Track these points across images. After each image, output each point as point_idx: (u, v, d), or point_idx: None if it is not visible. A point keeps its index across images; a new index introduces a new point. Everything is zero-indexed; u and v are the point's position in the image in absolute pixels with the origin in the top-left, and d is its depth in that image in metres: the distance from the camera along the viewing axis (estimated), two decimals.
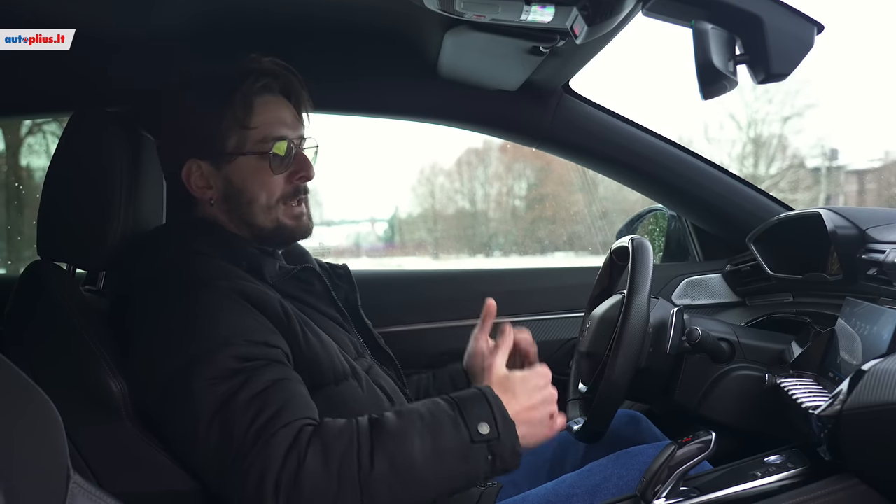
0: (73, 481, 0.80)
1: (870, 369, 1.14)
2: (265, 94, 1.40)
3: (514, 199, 7.57)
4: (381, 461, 1.09)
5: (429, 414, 1.16)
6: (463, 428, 1.15)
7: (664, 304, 1.60)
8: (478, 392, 1.21)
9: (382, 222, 6.79)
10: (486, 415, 1.17)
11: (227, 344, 1.16)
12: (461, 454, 1.14)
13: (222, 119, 1.37)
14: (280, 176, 1.41)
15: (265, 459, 1.06)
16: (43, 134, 4.42)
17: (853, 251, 1.49)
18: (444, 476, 1.14)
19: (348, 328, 1.50)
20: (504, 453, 1.16)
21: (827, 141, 7.14)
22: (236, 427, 1.09)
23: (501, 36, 1.53)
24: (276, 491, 1.05)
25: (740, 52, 1.20)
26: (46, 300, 1.29)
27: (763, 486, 1.26)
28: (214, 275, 1.26)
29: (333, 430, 1.12)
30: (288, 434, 1.09)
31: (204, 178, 1.40)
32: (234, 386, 1.13)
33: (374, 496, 1.08)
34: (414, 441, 1.12)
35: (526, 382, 1.27)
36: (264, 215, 1.40)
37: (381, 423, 1.14)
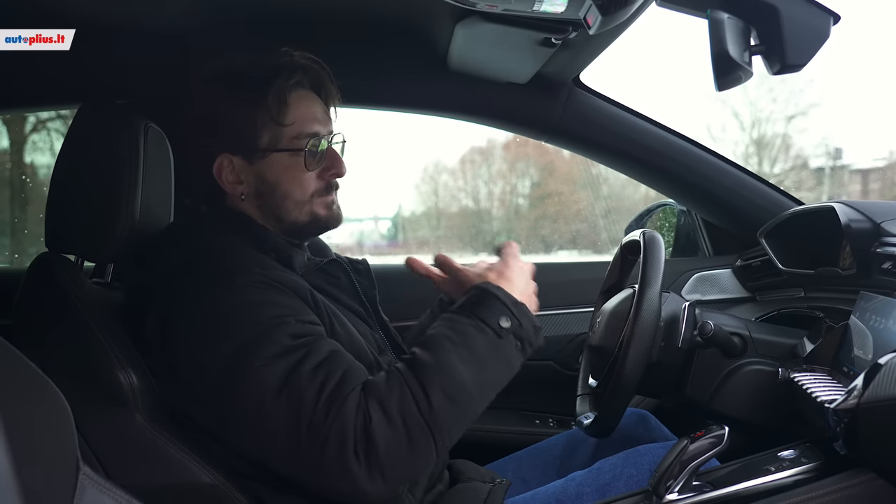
0: (83, 472, 0.79)
1: (886, 363, 1.13)
2: (298, 89, 1.39)
3: (518, 197, 7.57)
4: (436, 395, 1.13)
5: (453, 332, 1.20)
6: (487, 329, 1.21)
7: (676, 298, 1.59)
8: (482, 292, 1.25)
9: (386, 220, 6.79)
10: (501, 308, 1.23)
11: (281, 323, 1.18)
12: (495, 353, 1.21)
13: (256, 115, 1.36)
14: (313, 172, 1.40)
15: (341, 425, 1.09)
16: (47, 131, 4.42)
17: (867, 245, 1.48)
18: (489, 380, 1.20)
19: (371, 324, 1.50)
20: (528, 335, 1.24)
21: (831, 140, 7.14)
22: (305, 398, 1.11)
23: (513, 27, 1.52)
24: (355, 454, 1.09)
25: (756, 43, 1.19)
26: (55, 292, 1.28)
27: (777, 480, 1.24)
28: (249, 263, 1.27)
29: (381, 384, 1.15)
30: (354, 398, 1.12)
31: (235, 173, 1.39)
32: (295, 359, 1.14)
33: (440, 427, 1.13)
34: (455, 364, 1.16)
35: (507, 262, 1.34)
36: (298, 210, 1.40)
37: (419, 361, 1.17)
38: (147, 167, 1.36)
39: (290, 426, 1.11)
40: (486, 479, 1.51)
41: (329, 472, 1.10)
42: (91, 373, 1.22)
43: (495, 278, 1.30)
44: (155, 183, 1.40)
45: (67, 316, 1.26)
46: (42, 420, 0.78)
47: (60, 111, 3.54)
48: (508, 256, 1.35)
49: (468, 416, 1.18)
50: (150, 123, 1.39)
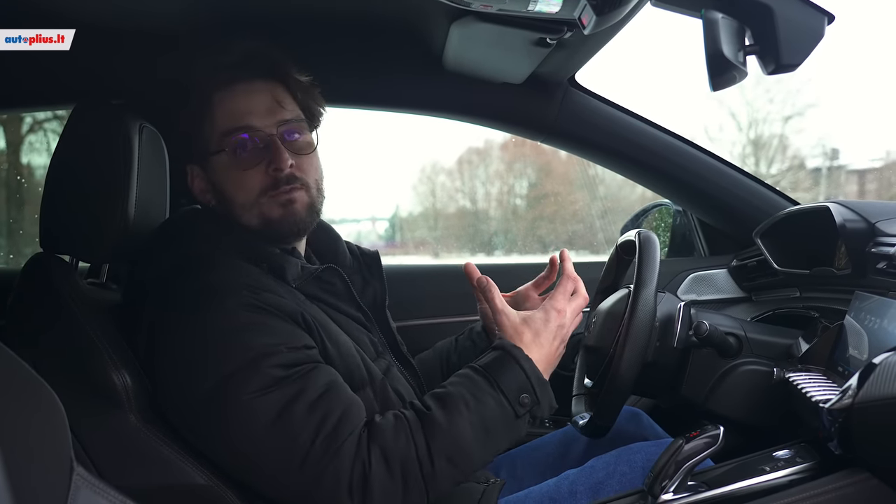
0: (77, 473, 0.79)
1: (881, 362, 1.13)
2: (231, 84, 1.35)
3: (515, 198, 7.57)
4: (440, 459, 1.15)
5: (472, 398, 1.20)
6: (507, 405, 1.21)
7: (671, 298, 1.59)
8: (507, 357, 1.25)
9: (383, 221, 6.80)
10: (523, 383, 1.23)
11: (270, 353, 1.16)
12: (508, 428, 1.22)
13: (190, 120, 1.36)
14: (255, 170, 1.34)
15: (337, 467, 1.11)
16: (44, 132, 4.42)
17: (862, 245, 1.49)
18: (494, 449, 1.23)
19: (370, 327, 1.48)
20: (542, 413, 1.26)
21: (828, 141, 7.14)
22: (301, 435, 1.12)
23: (508, 27, 1.52)
24: (350, 494, 1.11)
25: (750, 43, 1.19)
26: (49, 293, 1.28)
27: (772, 480, 1.24)
28: (240, 281, 1.24)
29: (388, 431, 1.16)
30: (353, 442, 1.13)
31: (202, 182, 1.39)
32: (288, 394, 1.14)
33: (437, 486, 1.16)
34: (466, 433, 1.17)
35: (546, 325, 1.32)
36: (247, 214, 1.35)
37: (431, 418, 1.18)
38: (142, 167, 1.35)
39: (281, 463, 1.12)
40: (479, 478, 1.51)
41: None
42: (85, 374, 1.22)
43: (529, 341, 1.29)
44: (150, 183, 1.40)
45: (62, 316, 1.25)
46: (36, 421, 0.78)
47: (57, 112, 3.53)
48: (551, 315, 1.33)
49: (465, 476, 1.22)
50: (145, 124, 1.39)
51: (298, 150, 1.38)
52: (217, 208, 1.39)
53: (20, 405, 0.76)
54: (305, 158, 1.39)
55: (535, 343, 1.30)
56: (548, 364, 1.30)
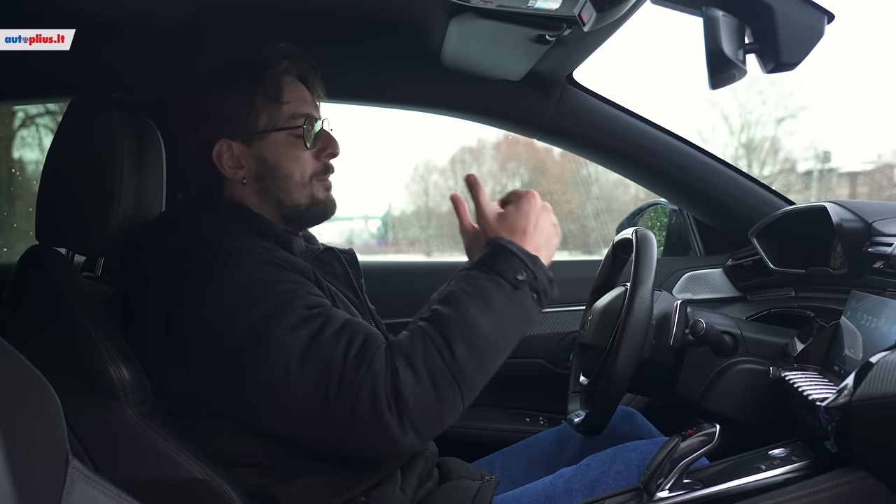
0: (73, 466, 0.79)
1: (878, 361, 1.13)
2: (288, 75, 1.43)
3: None
4: (459, 345, 1.17)
5: (471, 287, 1.24)
6: (504, 283, 1.24)
7: (667, 296, 1.59)
8: (496, 248, 1.28)
9: (376, 219, 6.79)
10: (516, 263, 1.26)
11: (294, 296, 1.21)
12: (512, 304, 1.24)
13: (254, 99, 1.39)
14: (310, 153, 1.43)
15: (372, 380, 1.13)
16: (36, 127, 4.40)
17: (859, 244, 1.49)
18: (508, 329, 1.24)
19: (364, 312, 1.50)
20: (543, 286, 1.28)
21: (820, 143, 7.16)
22: (333, 357, 1.15)
23: (507, 23, 1.51)
24: (388, 405, 1.12)
25: (750, 41, 1.19)
26: (45, 285, 1.27)
27: (768, 478, 1.24)
28: (253, 244, 1.29)
29: (404, 341, 1.19)
30: (381, 354, 1.16)
31: (235, 158, 1.40)
32: (315, 327, 1.18)
33: (464, 376, 1.17)
34: (475, 316, 1.20)
35: (523, 213, 1.34)
36: (299, 192, 1.42)
37: (439, 315, 1.21)
38: (138, 161, 1.35)
39: (319, 388, 1.14)
40: (475, 476, 1.51)
41: (362, 425, 1.14)
42: (81, 367, 1.21)
43: (509, 234, 1.32)
44: (147, 177, 1.39)
45: (58, 309, 1.25)
46: (32, 414, 0.77)
47: (49, 107, 3.52)
48: (522, 204, 1.36)
49: (490, 366, 1.23)
50: (142, 117, 1.39)
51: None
52: (246, 185, 1.41)
53: (16, 398, 0.76)
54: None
55: (516, 230, 1.32)
56: (537, 245, 1.32)
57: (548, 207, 1.38)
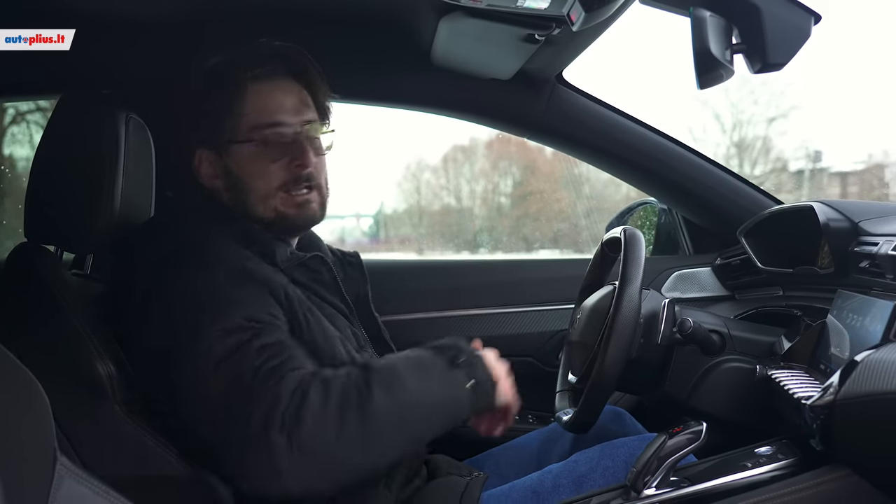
0: (60, 463, 0.79)
1: (863, 360, 1.14)
2: (265, 79, 1.39)
3: (500, 196, 7.55)
4: (378, 389, 1.13)
5: (410, 353, 1.25)
6: (441, 357, 1.22)
7: (655, 295, 1.60)
8: (447, 339, 1.28)
9: (367, 218, 6.77)
10: (460, 348, 1.25)
11: (240, 306, 1.19)
12: (445, 379, 1.21)
13: (219, 107, 1.37)
14: (278, 164, 1.38)
15: (274, 396, 1.09)
16: (27, 123, 4.38)
17: (845, 244, 1.50)
18: (434, 400, 1.20)
19: (352, 320, 1.49)
20: (481, 377, 1.24)
21: (811, 143, 7.17)
22: (247, 369, 1.12)
23: (496, 23, 1.52)
24: (281, 426, 1.07)
25: (737, 41, 1.19)
26: (34, 282, 1.27)
27: (753, 476, 1.25)
28: (224, 255, 1.28)
29: (330, 371, 1.17)
30: (296, 376, 1.12)
31: (211, 167, 1.40)
32: (245, 337, 1.15)
33: (374, 426, 1.12)
34: (404, 372, 1.19)
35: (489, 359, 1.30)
36: (262, 205, 1.39)
37: (370, 364, 1.20)
38: (128, 158, 1.35)
39: (226, 392, 1.12)
40: (463, 473, 1.51)
41: (250, 442, 1.08)
42: (70, 364, 1.21)
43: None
44: (136, 174, 1.39)
45: (47, 306, 1.25)
46: (20, 411, 0.77)
47: (40, 103, 3.51)
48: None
49: (406, 428, 1.18)
50: (131, 114, 1.39)
51: (317, 150, 1.44)
52: (223, 194, 1.41)
53: (4, 395, 0.76)
54: (320, 159, 1.45)
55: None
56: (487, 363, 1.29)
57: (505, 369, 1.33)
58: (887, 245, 1.35)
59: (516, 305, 2.18)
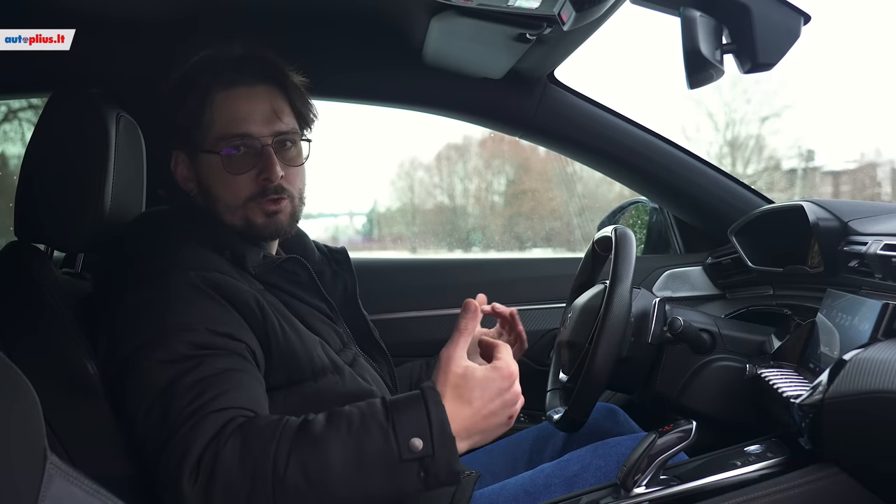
0: (50, 461, 0.78)
1: (851, 359, 1.15)
2: (236, 86, 1.36)
3: (493, 194, 7.55)
4: (296, 466, 1.01)
5: (359, 419, 1.05)
6: (392, 441, 1.03)
7: (646, 294, 1.60)
8: (418, 398, 1.07)
9: (361, 216, 6.77)
10: (422, 428, 1.04)
11: (186, 330, 1.14)
12: (387, 470, 1.03)
13: (190, 113, 1.36)
14: (245, 175, 1.35)
15: (190, 440, 1.02)
16: (18, 121, 4.36)
17: (835, 243, 1.50)
18: (365, 492, 1.04)
19: (334, 319, 1.47)
20: (439, 471, 1.04)
21: (804, 142, 7.19)
22: (174, 407, 1.06)
23: (488, 22, 1.52)
24: (193, 475, 1.01)
25: (727, 41, 1.20)
26: (24, 280, 1.27)
27: (743, 475, 1.26)
28: (189, 264, 1.24)
29: (258, 426, 1.05)
30: (218, 419, 1.04)
31: (187, 170, 1.40)
32: (183, 369, 1.10)
33: (285, 498, 1.01)
34: (334, 449, 1.02)
35: (486, 385, 1.10)
36: (231, 214, 1.37)
37: (308, 424, 1.05)
38: (118, 157, 1.34)
39: (155, 431, 1.07)
40: None
41: (164, 481, 1.04)
42: (60, 362, 1.21)
43: (456, 392, 1.09)
44: (126, 172, 1.39)
45: (37, 305, 1.24)
46: (9, 408, 0.77)
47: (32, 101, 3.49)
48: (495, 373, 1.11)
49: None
50: (122, 113, 1.38)
51: (289, 161, 1.40)
52: (197, 198, 1.41)
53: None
54: (294, 169, 1.41)
55: (462, 397, 1.08)
56: (470, 425, 1.08)
57: (515, 398, 1.13)
58: (876, 244, 1.35)
59: (508, 304, 2.18)
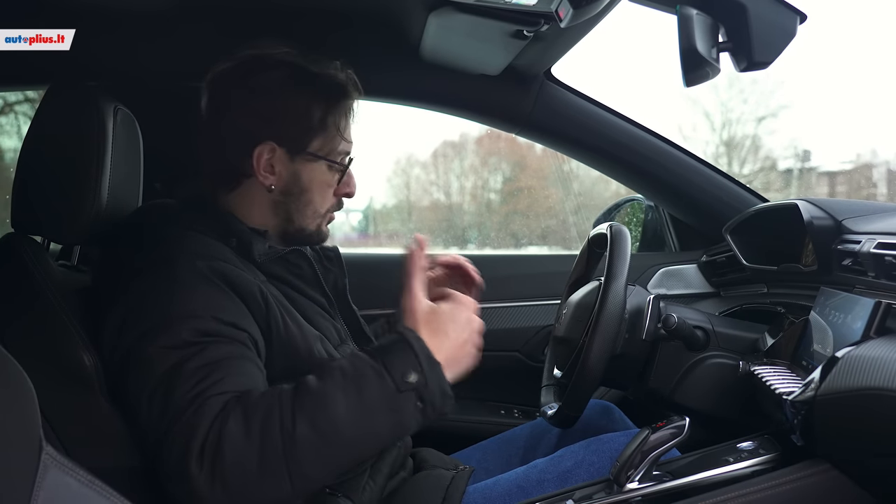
0: (46, 452, 0.79)
1: (843, 356, 1.16)
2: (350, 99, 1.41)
3: (489, 192, 7.55)
4: (303, 422, 1.04)
5: (351, 368, 1.11)
6: (387, 378, 1.09)
7: (641, 291, 1.61)
8: (400, 338, 1.13)
9: (357, 213, 6.77)
10: (412, 362, 1.10)
11: (191, 317, 1.14)
12: (388, 405, 1.08)
13: (326, 121, 1.37)
14: (335, 187, 1.44)
15: (194, 425, 1.03)
16: (15, 114, 4.35)
17: (829, 242, 1.51)
18: (372, 430, 1.09)
19: (333, 314, 1.48)
20: (433, 398, 1.10)
21: (800, 142, 7.20)
22: (177, 392, 1.07)
23: (485, 18, 1.52)
24: (200, 457, 1.02)
25: (724, 40, 1.20)
26: (20, 272, 1.26)
27: (735, 471, 1.27)
28: (196, 252, 1.23)
29: (255, 395, 1.08)
30: (219, 401, 1.06)
31: (271, 164, 1.36)
32: (186, 355, 1.10)
33: (299, 458, 1.04)
34: (337, 398, 1.07)
35: (453, 317, 1.19)
36: (312, 220, 1.42)
37: (304, 384, 1.09)
38: (116, 150, 1.34)
39: (158, 417, 1.08)
40: (449, 466, 1.52)
41: (170, 471, 1.05)
42: (56, 354, 1.20)
43: (431, 328, 1.17)
44: (123, 166, 1.38)
45: (33, 297, 1.24)
46: (4, 399, 0.77)
47: (28, 94, 3.48)
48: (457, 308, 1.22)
49: (334, 459, 1.08)
50: (119, 106, 1.38)
51: None
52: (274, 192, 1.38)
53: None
54: None
55: (437, 330, 1.17)
56: (450, 355, 1.15)
57: (480, 327, 1.23)
58: (870, 243, 1.36)
59: (503, 301, 2.19)
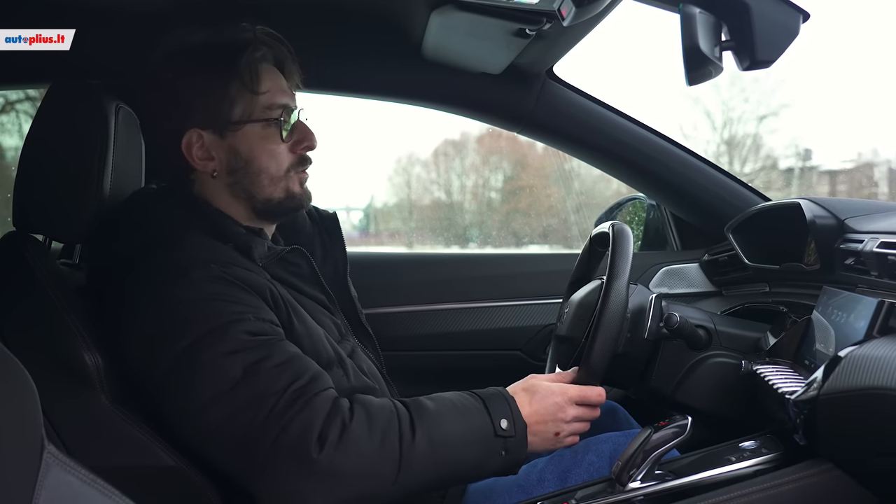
0: (48, 451, 0.79)
1: (846, 355, 1.15)
2: (264, 62, 1.38)
3: (490, 191, 7.55)
4: (421, 434, 1.15)
5: (459, 402, 1.23)
6: (487, 419, 1.22)
7: (643, 290, 1.60)
8: (498, 391, 1.28)
9: (358, 211, 6.76)
10: (506, 412, 1.24)
11: (239, 319, 1.17)
12: (484, 443, 1.21)
13: (229, 86, 1.34)
14: (285, 146, 1.38)
15: (309, 416, 1.10)
16: (16, 113, 4.35)
17: (831, 241, 1.50)
18: (467, 460, 1.20)
19: (333, 310, 1.48)
20: (516, 452, 1.23)
21: (801, 141, 7.19)
22: (270, 391, 1.11)
23: (487, 17, 1.52)
24: (320, 444, 1.08)
25: (726, 38, 1.20)
26: (22, 271, 1.27)
27: (737, 470, 1.26)
28: (206, 257, 1.25)
29: (374, 401, 1.18)
30: (327, 398, 1.13)
31: (206, 148, 1.36)
32: (256, 356, 1.14)
33: (410, 467, 1.13)
34: (450, 421, 1.19)
35: (545, 395, 1.31)
36: (273, 186, 1.38)
37: (418, 402, 1.21)
38: (117, 148, 1.34)
39: (245, 416, 1.10)
40: None
41: (279, 460, 1.08)
42: (58, 353, 1.21)
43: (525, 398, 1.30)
44: (124, 164, 1.38)
45: (35, 295, 1.24)
46: (6, 397, 0.77)
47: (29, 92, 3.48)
48: (568, 388, 1.34)
49: (433, 474, 1.18)
50: (121, 104, 1.38)
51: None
52: (218, 178, 1.37)
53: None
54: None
55: (528, 402, 1.29)
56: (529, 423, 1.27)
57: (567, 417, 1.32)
58: (872, 242, 1.35)
59: (505, 299, 2.19)
